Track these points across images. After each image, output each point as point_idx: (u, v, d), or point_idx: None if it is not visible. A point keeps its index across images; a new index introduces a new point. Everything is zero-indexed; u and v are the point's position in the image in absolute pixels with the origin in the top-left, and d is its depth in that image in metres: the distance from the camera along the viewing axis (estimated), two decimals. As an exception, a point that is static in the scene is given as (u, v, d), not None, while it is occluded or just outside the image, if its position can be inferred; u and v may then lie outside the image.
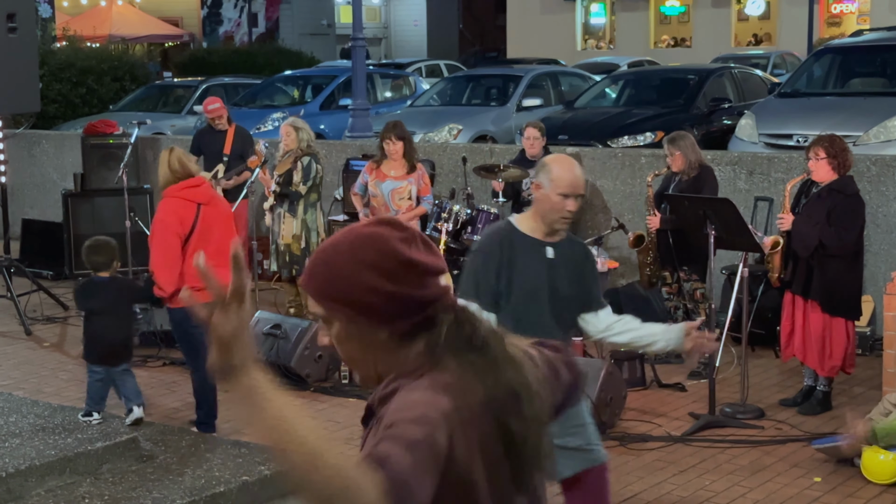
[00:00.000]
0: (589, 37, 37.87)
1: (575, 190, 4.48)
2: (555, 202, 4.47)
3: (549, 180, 4.49)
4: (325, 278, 2.14)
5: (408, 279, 2.12)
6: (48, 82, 20.13)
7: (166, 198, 6.59)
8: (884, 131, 11.78)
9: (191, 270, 6.45)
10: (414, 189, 8.64)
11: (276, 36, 38.67)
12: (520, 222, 4.60)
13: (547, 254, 4.53)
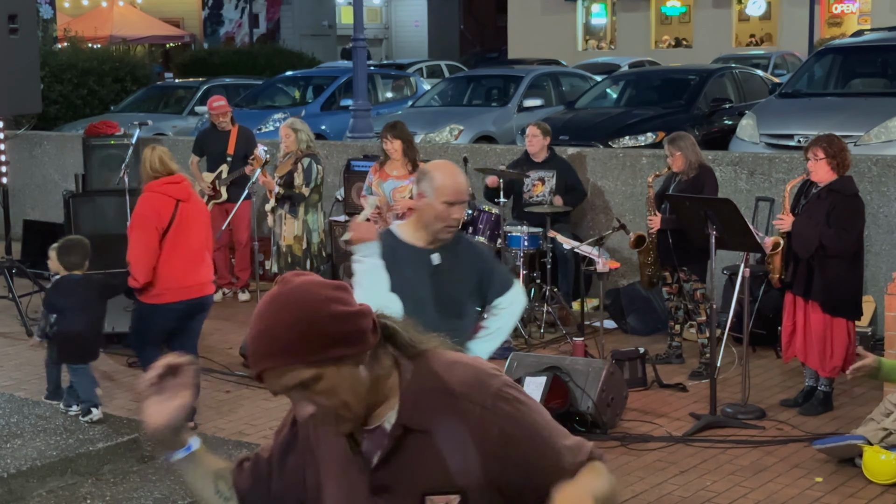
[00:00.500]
0: (590, 37, 37.87)
1: (459, 197, 4.26)
2: (439, 211, 4.25)
3: (432, 188, 4.27)
4: (300, 341, 2.17)
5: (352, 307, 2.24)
6: (49, 83, 20.15)
7: (146, 192, 6.77)
8: (885, 131, 11.78)
9: (166, 264, 6.66)
10: (415, 188, 8.63)
11: (277, 37, 38.70)
12: (402, 231, 4.39)
13: (432, 261, 4.34)
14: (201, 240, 6.87)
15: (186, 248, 6.72)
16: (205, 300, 6.93)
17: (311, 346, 2.17)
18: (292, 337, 2.16)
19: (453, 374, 2.31)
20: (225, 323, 9.77)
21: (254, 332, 2.21)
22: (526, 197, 9.61)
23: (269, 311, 2.19)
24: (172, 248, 6.67)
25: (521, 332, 8.87)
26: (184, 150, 12.78)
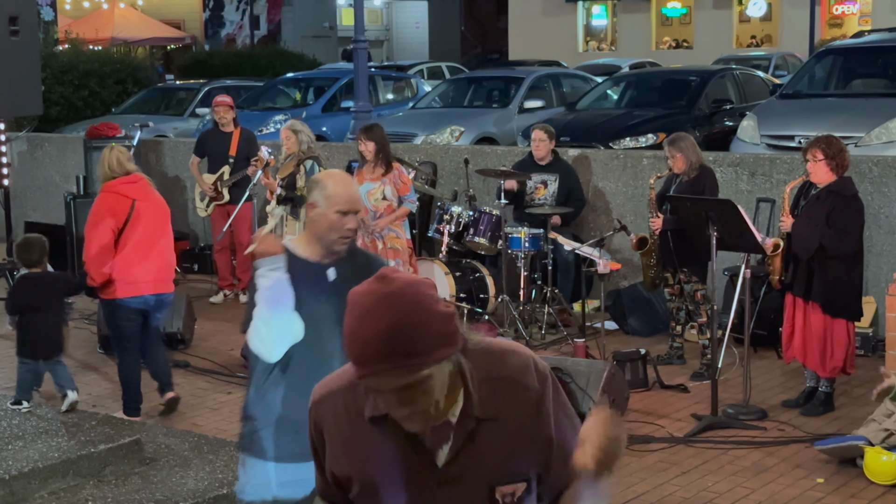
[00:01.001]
0: (590, 38, 37.89)
1: (353, 206, 4.05)
2: (333, 220, 4.01)
3: (323, 197, 4.04)
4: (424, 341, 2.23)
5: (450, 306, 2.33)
6: (50, 85, 20.16)
7: (102, 192, 6.95)
8: (885, 132, 11.79)
9: (123, 261, 6.82)
10: (388, 189, 8.58)
11: (278, 38, 38.73)
12: (295, 246, 4.11)
13: (328, 277, 4.07)
14: (159, 238, 7.04)
15: (143, 246, 6.89)
16: (163, 297, 7.07)
17: (431, 347, 2.23)
18: (417, 337, 2.21)
19: (507, 362, 2.42)
20: (226, 325, 9.77)
21: (370, 331, 2.22)
22: (528, 199, 9.61)
23: (387, 311, 2.23)
24: (129, 246, 6.84)
25: (522, 334, 8.88)
26: (185, 151, 12.80)
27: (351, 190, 4.11)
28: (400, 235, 8.59)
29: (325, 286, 4.04)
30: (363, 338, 2.23)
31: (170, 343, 8.88)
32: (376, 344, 2.21)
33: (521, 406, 2.38)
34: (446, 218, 9.41)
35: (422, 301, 2.25)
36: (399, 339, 2.21)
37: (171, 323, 8.91)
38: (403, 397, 2.24)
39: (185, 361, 8.64)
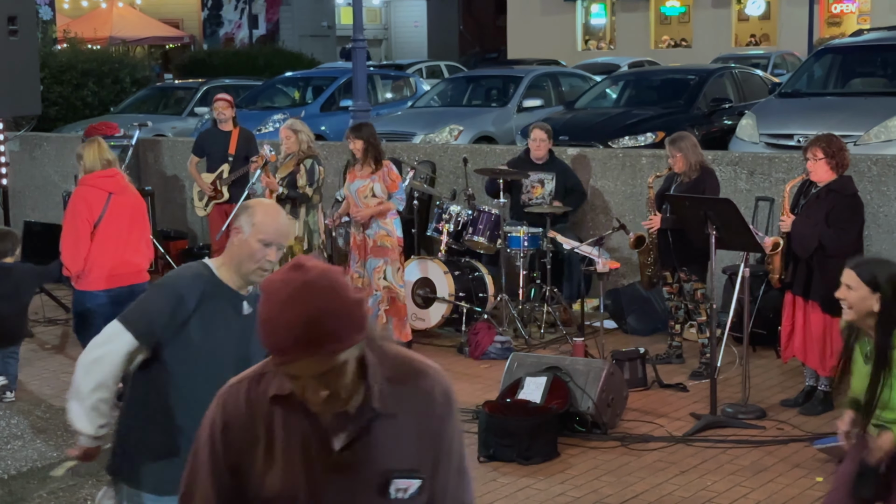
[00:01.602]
0: (589, 37, 37.88)
1: (279, 238, 3.79)
2: (254, 249, 3.76)
3: (250, 224, 3.78)
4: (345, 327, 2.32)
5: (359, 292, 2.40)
6: (49, 84, 20.15)
7: (80, 186, 7.21)
8: (884, 131, 11.79)
9: (99, 253, 7.06)
10: (378, 186, 8.57)
11: (277, 37, 38.70)
12: (218, 268, 3.84)
13: (243, 310, 3.81)
14: (134, 230, 7.26)
15: (118, 238, 7.12)
16: (136, 288, 7.17)
17: (350, 331, 2.31)
18: (339, 323, 2.30)
19: (412, 365, 2.50)
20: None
21: (293, 318, 2.28)
22: (525, 199, 9.61)
23: (306, 300, 2.29)
24: (104, 238, 7.07)
25: (521, 333, 8.88)
26: (183, 150, 12.79)
27: (279, 222, 3.84)
28: (391, 234, 8.58)
29: (237, 318, 3.79)
30: (283, 326, 2.29)
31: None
32: (297, 332, 2.28)
33: (422, 412, 2.46)
34: (445, 217, 9.41)
35: (337, 288, 2.32)
36: (319, 326, 2.28)
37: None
38: (321, 382, 2.32)
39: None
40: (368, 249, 8.54)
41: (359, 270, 8.60)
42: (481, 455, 6.51)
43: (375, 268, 8.52)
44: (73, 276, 7.14)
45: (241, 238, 3.79)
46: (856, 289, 4.34)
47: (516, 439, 6.44)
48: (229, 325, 3.77)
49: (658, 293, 8.81)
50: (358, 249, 8.63)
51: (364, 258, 8.58)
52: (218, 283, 3.79)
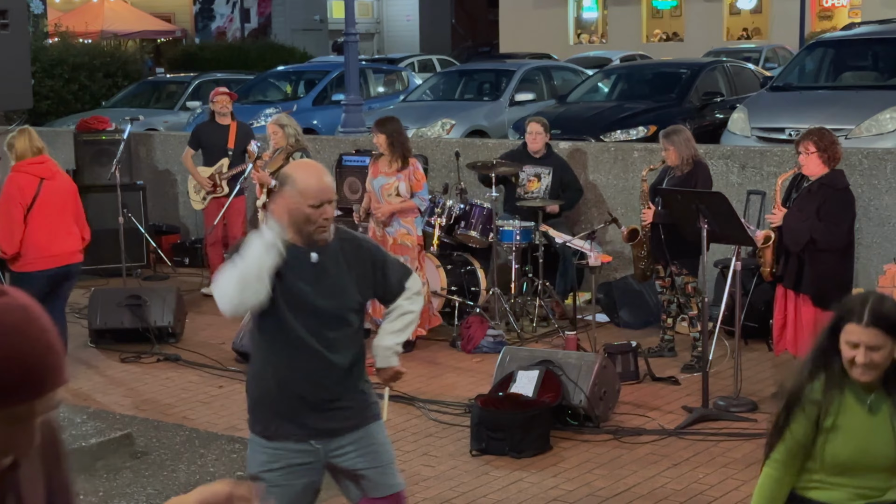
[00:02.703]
0: (581, 31, 37.88)
1: (326, 196, 4.04)
2: (308, 214, 4.04)
3: (297, 192, 4.05)
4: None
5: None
6: (40, 79, 20.10)
7: (13, 172, 7.58)
8: (875, 125, 11.81)
9: (32, 235, 7.48)
10: (403, 185, 8.50)
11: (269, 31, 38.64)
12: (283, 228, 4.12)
13: (311, 259, 4.11)
14: (66, 213, 7.68)
15: (51, 222, 7.53)
16: (71, 268, 7.73)
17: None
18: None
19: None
20: (218, 318, 9.75)
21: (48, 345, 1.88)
22: (520, 192, 9.61)
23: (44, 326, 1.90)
24: (37, 222, 7.47)
25: (513, 327, 8.89)
26: (175, 145, 12.77)
27: (322, 181, 4.08)
28: (410, 232, 8.57)
29: (306, 269, 4.09)
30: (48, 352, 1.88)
31: (160, 337, 8.89)
32: (59, 358, 1.91)
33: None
34: (437, 211, 9.41)
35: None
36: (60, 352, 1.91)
37: (162, 317, 8.90)
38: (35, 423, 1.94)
39: (175, 355, 8.64)
40: (388, 247, 8.50)
41: None
42: (474, 448, 6.52)
43: None
44: (8, 258, 7.53)
45: (293, 206, 4.06)
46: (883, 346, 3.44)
47: (509, 433, 6.45)
48: (298, 276, 4.08)
49: (650, 287, 8.82)
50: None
51: None
52: (284, 241, 4.09)
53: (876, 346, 3.42)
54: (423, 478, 6.18)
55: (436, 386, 7.81)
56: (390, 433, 6.62)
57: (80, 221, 7.88)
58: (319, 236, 4.09)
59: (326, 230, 4.09)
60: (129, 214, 10.78)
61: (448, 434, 6.87)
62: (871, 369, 3.44)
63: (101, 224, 11.24)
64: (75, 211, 7.80)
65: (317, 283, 4.11)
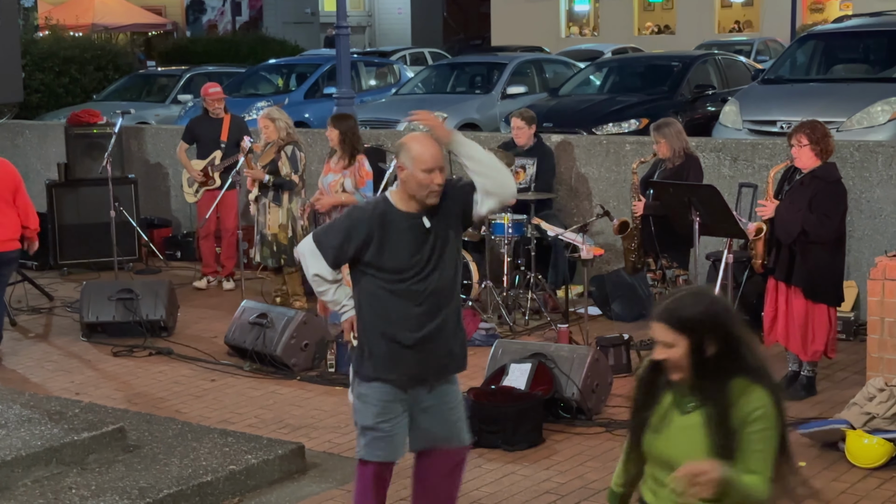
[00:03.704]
0: (573, 24, 37.88)
1: (437, 163, 4.56)
2: (421, 179, 4.55)
3: (409, 159, 4.57)
4: None
5: None
6: (31, 72, 20.06)
7: None
8: (867, 117, 11.82)
9: None
10: (348, 181, 8.57)
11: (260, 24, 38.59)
12: (395, 199, 4.67)
13: (424, 224, 4.62)
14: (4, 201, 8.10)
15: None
16: (5, 255, 8.18)
17: None
18: None
19: None
20: (210, 311, 9.76)
21: None
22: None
23: None
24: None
25: (505, 320, 8.89)
26: (167, 138, 12.75)
27: (434, 149, 4.59)
28: None
29: (423, 232, 4.61)
30: None
31: (152, 330, 8.87)
32: None
33: None
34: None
35: None
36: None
37: (154, 310, 8.89)
38: None
39: (168, 349, 8.63)
40: None
41: None
42: (466, 441, 6.52)
43: None
44: None
45: (407, 173, 4.59)
46: (675, 344, 3.36)
47: (501, 426, 6.46)
48: (409, 240, 4.59)
49: (642, 279, 8.83)
50: None
51: None
52: (392, 208, 4.62)
53: (666, 342, 3.37)
54: (416, 471, 6.18)
55: (428, 379, 7.80)
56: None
57: (23, 209, 8.20)
58: (432, 201, 4.59)
59: (437, 194, 4.58)
60: (120, 208, 10.76)
61: (440, 427, 6.87)
62: (672, 367, 3.38)
63: (93, 218, 11.24)
64: (13, 198, 8.14)
65: (430, 248, 4.61)
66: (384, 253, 4.59)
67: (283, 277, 9.61)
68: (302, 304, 9.36)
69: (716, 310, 3.36)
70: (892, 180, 8.68)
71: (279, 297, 9.65)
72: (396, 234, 4.59)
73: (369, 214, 4.64)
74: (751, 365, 3.32)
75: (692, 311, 3.33)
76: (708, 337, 3.30)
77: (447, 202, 4.66)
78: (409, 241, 4.60)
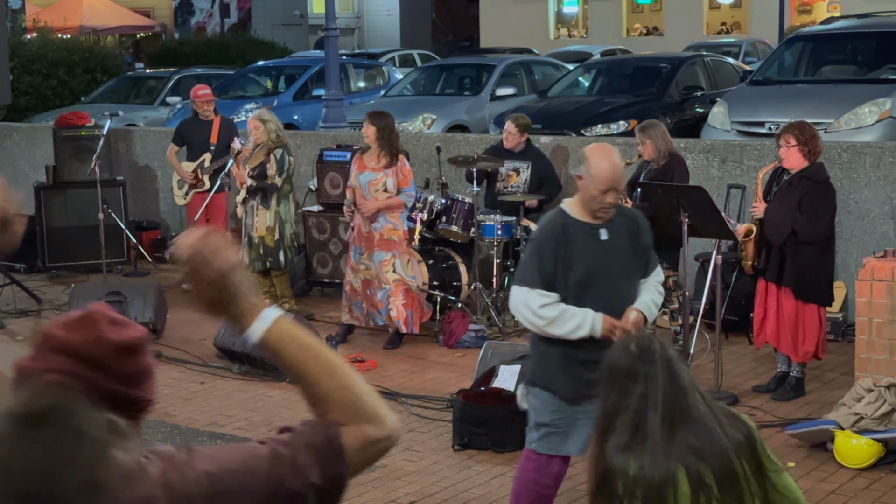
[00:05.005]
0: (562, 25, 37.90)
1: (613, 184, 4.72)
2: (594, 195, 4.72)
3: (588, 174, 4.75)
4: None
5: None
6: (19, 74, 19.99)
7: None
8: (854, 118, 11.85)
9: None
10: (391, 181, 8.44)
11: (249, 26, 38.52)
12: (571, 208, 4.85)
13: (601, 236, 4.79)
14: None
15: None
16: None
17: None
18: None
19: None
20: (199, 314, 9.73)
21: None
22: (500, 187, 9.61)
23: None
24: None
25: (495, 321, 8.89)
26: (155, 140, 12.73)
27: (614, 169, 4.73)
28: (397, 227, 8.54)
29: (596, 244, 4.77)
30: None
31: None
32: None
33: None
34: (419, 206, 9.40)
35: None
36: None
37: (143, 313, 8.87)
38: None
39: (157, 351, 8.61)
40: (375, 242, 8.48)
41: (365, 262, 8.53)
42: (455, 443, 6.53)
43: (382, 261, 8.46)
44: None
45: (583, 184, 4.78)
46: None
47: (491, 427, 6.46)
48: (588, 250, 4.75)
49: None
50: (364, 241, 8.55)
51: (371, 251, 8.51)
52: (571, 219, 4.80)
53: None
54: (405, 473, 6.18)
55: (418, 381, 7.81)
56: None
57: None
58: (602, 215, 4.76)
59: (608, 212, 4.76)
60: (109, 210, 10.73)
61: (430, 429, 6.88)
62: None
63: (81, 220, 11.21)
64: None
65: (606, 259, 4.77)
66: (569, 264, 4.75)
67: (271, 280, 9.60)
68: (291, 306, 9.35)
69: None
70: (880, 181, 8.70)
71: (267, 300, 9.62)
72: (577, 244, 4.76)
73: (550, 229, 4.81)
74: None
75: None
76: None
77: (631, 224, 4.87)
78: (588, 250, 4.76)
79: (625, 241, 4.85)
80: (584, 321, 4.78)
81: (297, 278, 10.10)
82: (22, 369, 2.00)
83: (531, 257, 4.85)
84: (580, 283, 4.75)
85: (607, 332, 4.76)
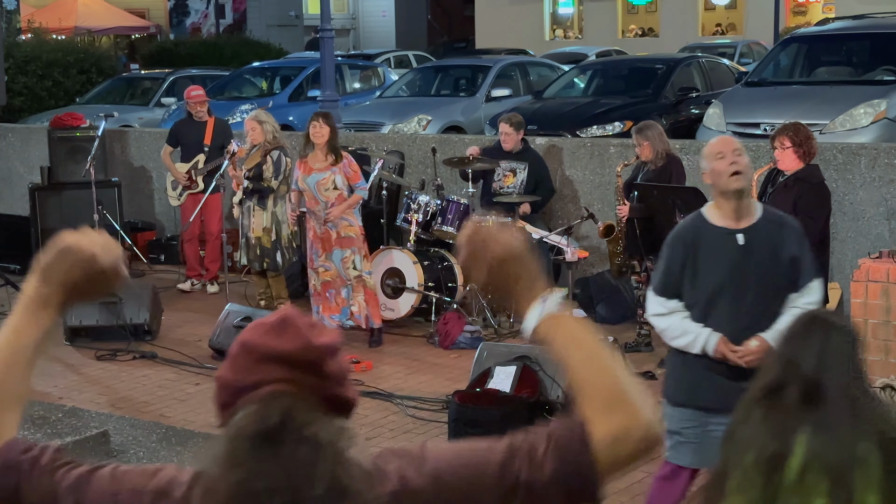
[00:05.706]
0: (557, 27, 37.92)
1: (726, 147, 4.49)
2: (716, 168, 4.45)
3: (703, 159, 4.57)
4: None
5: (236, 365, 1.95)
6: (13, 75, 19.98)
7: None
8: (850, 119, 11.87)
9: None
10: (339, 178, 8.50)
11: (244, 27, 38.49)
12: (709, 212, 4.56)
13: (737, 241, 4.45)
14: None
15: None
16: None
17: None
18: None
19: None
20: (194, 315, 9.73)
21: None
22: (496, 187, 9.61)
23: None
24: None
25: (490, 322, 8.89)
26: (150, 141, 12.71)
27: (720, 140, 4.62)
28: (353, 223, 8.56)
29: (735, 250, 4.43)
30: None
31: (136, 334, 8.84)
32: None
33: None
34: (414, 207, 9.40)
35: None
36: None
37: (138, 314, 8.86)
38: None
39: (152, 352, 8.60)
40: (333, 241, 8.51)
41: (324, 264, 8.55)
42: (451, 444, 6.52)
43: (343, 258, 8.52)
44: None
45: (704, 174, 4.55)
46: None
47: (486, 429, 6.44)
48: (721, 258, 4.43)
49: (627, 282, 8.84)
50: (321, 242, 8.56)
51: (328, 250, 8.54)
52: (708, 226, 4.48)
53: None
54: (401, 474, 6.17)
55: (413, 382, 7.80)
56: (366, 430, 6.62)
57: None
58: (735, 185, 4.39)
59: (739, 178, 4.40)
60: (104, 211, 10.72)
61: (426, 430, 6.87)
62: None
63: (76, 221, 11.16)
64: None
65: (746, 265, 4.41)
66: (697, 272, 4.47)
67: (268, 280, 9.59)
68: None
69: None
70: (875, 182, 8.71)
71: (263, 300, 9.63)
72: (708, 250, 4.45)
73: (682, 233, 4.56)
74: None
75: None
76: None
77: (773, 230, 4.50)
78: (720, 258, 4.44)
79: (764, 250, 4.46)
80: (697, 339, 4.49)
81: (294, 279, 10.09)
82: (227, 384, 1.95)
83: (660, 262, 4.63)
84: (708, 294, 4.45)
85: (720, 356, 4.45)
